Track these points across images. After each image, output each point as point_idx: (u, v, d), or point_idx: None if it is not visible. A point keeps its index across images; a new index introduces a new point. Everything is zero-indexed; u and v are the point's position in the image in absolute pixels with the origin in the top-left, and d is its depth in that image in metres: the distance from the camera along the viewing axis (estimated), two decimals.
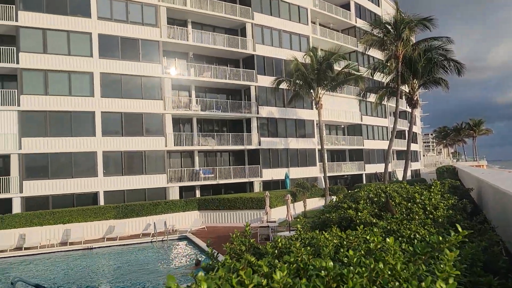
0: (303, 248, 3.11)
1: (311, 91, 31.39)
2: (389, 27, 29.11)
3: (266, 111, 35.27)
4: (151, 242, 22.80)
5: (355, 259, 2.66)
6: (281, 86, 32.17)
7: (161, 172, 29.09)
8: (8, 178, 24.48)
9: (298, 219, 4.98)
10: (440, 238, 2.97)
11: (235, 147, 33.31)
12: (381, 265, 2.57)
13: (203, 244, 19.96)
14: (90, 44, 27.21)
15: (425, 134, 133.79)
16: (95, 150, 26.81)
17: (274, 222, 23.04)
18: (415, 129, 56.26)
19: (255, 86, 34.62)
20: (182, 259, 19.54)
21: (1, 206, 23.52)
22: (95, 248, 21.82)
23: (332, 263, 2.35)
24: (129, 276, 16.11)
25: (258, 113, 34.54)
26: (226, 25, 35.19)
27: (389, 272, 2.55)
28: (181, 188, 30.27)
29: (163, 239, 22.90)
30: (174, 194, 29.32)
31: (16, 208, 24.25)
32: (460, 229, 3.10)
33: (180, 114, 31.22)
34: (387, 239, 2.98)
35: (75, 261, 19.42)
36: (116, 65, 27.97)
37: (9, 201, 24.22)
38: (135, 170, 28.16)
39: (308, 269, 2.72)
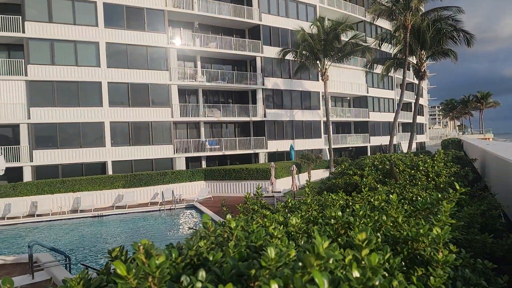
0: (313, 204, 3.39)
1: (317, 62, 31.21)
2: None
3: (272, 83, 35.19)
4: (159, 210, 23.41)
5: (361, 212, 2.94)
6: (287, 57, 31.98)
7: (167, 142, 29.48)
8: (18, 147, 24.97)
9: (305, 187, 5.26)
10: (440, 196, 3.24)
11: (240, 118, 33.48)
12: (384, 217, 2.85)
13: (210, 213, 20.52)
14: (95, 13, 27.02)
15: (431, 107, 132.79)
16: (102, 121, 27.13)
17: (279, 192, 23.52)
18: (422, 101, 55.94)
19: (260, 57, 34.41)
20: (189, 226, 20.14)
21: (12, 175, 24.07)
22: (104, 215, 22.48)
23: (340, 213, 2.62)
24: (139, 241, 16.69)
25: (263, 85, 34.49)
26: None
27: (391, 224, 2.83)
28: (187, 158, 30.74)
29: (171, 207, 23.50)
30: (180, 165, 29.81)
31: (27, 176, 24.86)
32: (458, 187, 3.36)
33: (186, 85, 31.27)
34: (391, 196, 3.24)
35: (86, 228, 20.10)
36: (121, 35, 27.86)
37: (20, 169, 24.79)
38: (142, 141, 28.56)
39: (318, 221, 3.01)
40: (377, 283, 1.39)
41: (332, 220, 2.63)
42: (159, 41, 29.29)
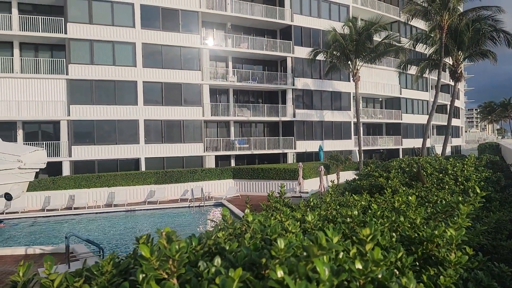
0: (332, 203, 3.49)
1: (349, 62, 30.89)
2: None
3: (302, 83, 35.13)
4: (189, 207, 23.92)
5: (378, 212, 3.02)
6: (318, 58, 31.84)
7: (198, 141, 30.06)
8: (58, 143, 26.21)
9: (329, 188, 5.33)
10: (460, 199, 3.25)
11: (270, 118, 33.65)
12: (402, 219, 2.91)
13: (237, 211, 20.79)
14: (132, 14, 27.95)
15: (468, 109, 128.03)
16: (137, 118, 28.04)
17: (307, 192, 23.50)
18: (458, 103, 54.14)
19: (291, 57, 34.43)
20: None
21: (52, 169, 25.27)
22: (137, 210, 23.23)
23: (356, 212, 2.72)
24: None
25: (293, 85, 34.49)
26: None
27: (409, 225, 2.89)
28: (217, 157, 31.22)
29: (200, 204, 23.95)
30: (210, 163, 30.33)
31: (66, 171, 26.05)
32: (479, 191, 3.36)
33: (217, 85, 31.77)
34: (409, 197, 3.29)
35: (119, 222, 20.86)
36: (157, 36, 28.67)
37: (59, 164, 26.01)
38: (174, 139, 29.27)
39: (336, 220, 3.11)
40: (379, 275, 1.50)
41: (348, 218, 2.73)
42: (192, 42, 29.91)
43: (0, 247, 15.17)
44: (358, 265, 1.46)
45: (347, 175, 31.02)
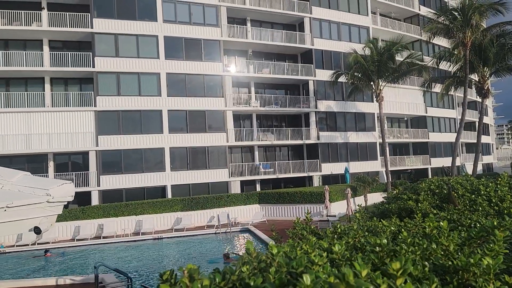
0: (360, 230, 3.39)
1: (371, 83, 30.71)
2: (456, 13, 27.59)
3: (325, 105, 35.07)
4: (215, 233, 23.83)
5: (409, 240, 2.90)
6: (340, 80, 31.83)
7: (223, 166, 30.20)
8: (87, 173, 26.89)
9: (356, 213, 5.20)
10: (495, 223, 3.10)
11: (294, 141, 33.58)
12: (434, 246, 2.78)
13: (264, 236, 20.54)
14: (156, 46, 28.92)
15: (498, 126, 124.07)
16: (163, 146, 28.54)
17: (334, 216, 23.04)
18: (487, 120, 52.56)
19: (313, 80, 34.56)
20: (244, 249, 20.23)
21: (81, 199, 25.85)
22: (164, 238, 23.31)
23: (386, 241, 2.62)
24: (208, 264, 17.05)
25: (316, 108, 34.47)
26: (284, 21, 35.44)
27: (442, 252, 2.75)
28: (242, 182, 31.20)
29: (227, 231, 23.83)
30: (235, 188, 30.32)
31: (95, 200, 26.58)
32: None
33: (240, 111, 32.11)
34: (441, 223, 3.16)
35: (147, 250, 20.94)
36: (180, 65, 29.47)
37: (88, 194, 26.59)
38: (199, 165, 29.53)
39: (365, 248, 3.01)
40: None
41: (377, 247, 2.63)
42: (215, 70, 30.56)
43: (30, 278, 15.45)
44: None
45: (375, 197, 30.43)
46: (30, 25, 26.84)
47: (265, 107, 32.94)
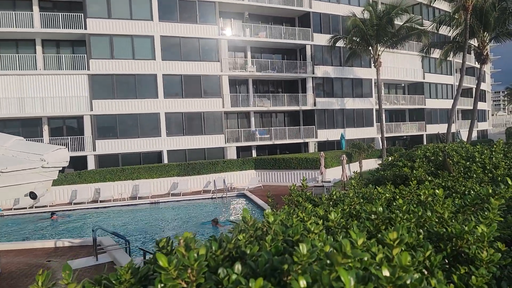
0: (355, 198, 3.40)
1: (370, 48, 30.23)
2: None
3: (322, 71, 34.66)
4: (212, 198, 24.15)
5: (404, 207, 2.91)
6: (338, 44, 31.28)
7: (219, 132, 30.17)
8: (82, 137, 26.80)
9: (352, 179, 5.22)
10: (490, 191, 3.11)
11: (290, 107, 33.42)
12: (429, 213, 2.80)
13: (260, 201, 20.85)
14: (150, 7, 28.06)
15: (495, 92, 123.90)
16: (158, 112, 28.33)
17: (329, 182, 23.31)
18: (484, 86, 52.40)
19: (310, 45, 33.95)
20: (240, 214, 20.59)
21: (78, 163, 25.91)
22: (161, 202, 23.60)
23: (381, 209, 2.63)
24: (193, 227, 17.42)
25: (313, 73, 34.07)
26: None
27: (437, 220, 2.77)
28: (238, 148, 31.30)
29: (223, 195, 24.14)
30: (231, 154, 30.44)
31: (91, 165, 26.65)
32: (510, 182, 3.21)
33: (236, 76, 31.69)
34: (436, 190, 3.17)
35: (144, 214, 21.25)
36: (175, 28, 28.73)
37: (84, 158, 26.62)
38: (194, 131, 29.47)
39: (360, 215, 3.03)
40: (408, 281, 1.42)
41: (372, 215, 2.64)
42: (210, 33, 29.85)
43: (31, 240, 15.71)
44: (386, 272, 1.38)
45: (370, 163, 30.72)
46: None
47: (262, 72, 32.50)
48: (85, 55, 26.92)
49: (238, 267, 1.43)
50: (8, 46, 27.09)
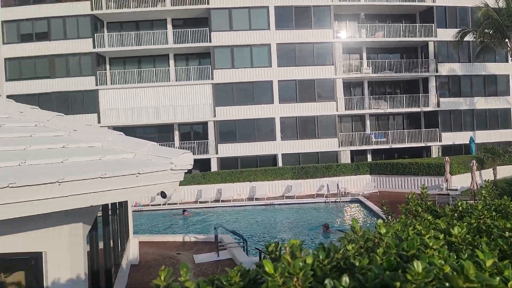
0: (486, 211, 3.02)
1: (506, 40, 26.62)
2: None
3: (447, 69, 31.66)
4: (325, 202, 23.94)
5: None
6: (465, 39, 28.25)
7: (332, 136, 29.83)
8: (207, 141, 29.26)
9: (482, 189, 4.64)
10: None
11: (409, 109, 31.30)
12: None
13: (375, 208, 19.94)
14: (267, 17, 29.33)
15: None
16: (273, 116, 29.34)
17: (456, 190, 21.17)
18: None
19: (433, 41, 31.31)
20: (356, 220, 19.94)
21: (203, 165, 28.28)
22: (276, 204, 24.26)
23: None
24: (308, 231, 17.46)
25: (437, 71, 31.34)
26: None
27: None
28: (352, 151, 30.48)
29: (336, 200, 23.73)
30: (345, 158, 29.80)
31: (214, 166, 28.88)
32: None
33: (351, 78, 30.98)
34: None
35: (260, 214, 22.09)
36: (290, 35, 29.46)
37: (208, 160, 28.94)
38: (308, 134, 29.67)
39: (492, 231, 2.67)
40: None
41: (507, 232, 2.33)
42: (325, 37, 29.80)
43: (163, 234, 17.59)
44: None
45: (507, 171, 26.91)
46: (156, 6, 29.37)
47: (378, 73, 31.14)
48: (209, 66, 29.38)
49: (345, 279, 1.40)
50: (147, 62, 31.05)
